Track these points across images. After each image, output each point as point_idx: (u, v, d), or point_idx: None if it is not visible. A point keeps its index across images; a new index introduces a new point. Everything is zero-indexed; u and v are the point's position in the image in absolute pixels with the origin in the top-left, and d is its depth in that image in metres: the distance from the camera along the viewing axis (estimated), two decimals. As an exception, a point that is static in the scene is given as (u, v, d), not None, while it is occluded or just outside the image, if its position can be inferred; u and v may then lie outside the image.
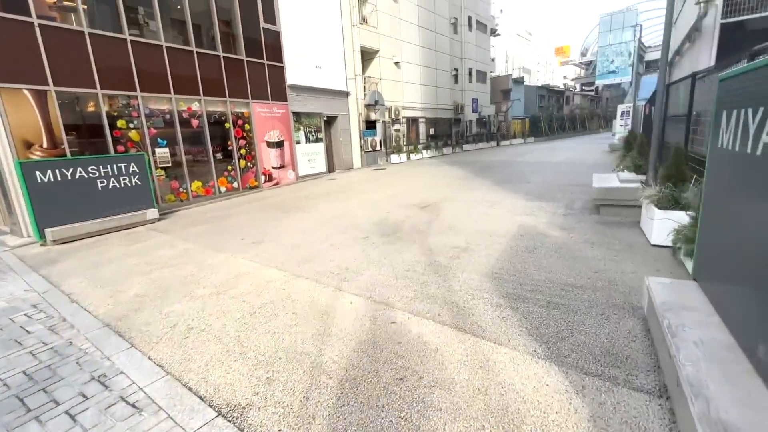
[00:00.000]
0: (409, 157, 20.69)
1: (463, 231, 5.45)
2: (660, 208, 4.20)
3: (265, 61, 12.17)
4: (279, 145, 12.75)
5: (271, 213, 7.93)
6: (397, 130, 20.71)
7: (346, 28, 16.35)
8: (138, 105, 8.84)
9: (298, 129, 13.80)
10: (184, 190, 9.90)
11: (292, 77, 13.23)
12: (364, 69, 19.41)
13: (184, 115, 9.89)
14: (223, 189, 10.91)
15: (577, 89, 55.37)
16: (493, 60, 32.52)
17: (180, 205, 9.67)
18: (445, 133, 25.95)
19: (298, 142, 13.74)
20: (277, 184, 12.63)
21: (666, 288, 2.40)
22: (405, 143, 21.28)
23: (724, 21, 7.00)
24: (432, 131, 23.84)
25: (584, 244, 4.53)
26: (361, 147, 17.81)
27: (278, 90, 12.74)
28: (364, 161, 17.95)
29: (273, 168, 12.56)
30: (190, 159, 10.17)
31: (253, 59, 11.72)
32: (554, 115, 36.58)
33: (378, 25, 18.68)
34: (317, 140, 14.82)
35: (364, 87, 18.46)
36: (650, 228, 4.37)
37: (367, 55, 19.24)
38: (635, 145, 8.97)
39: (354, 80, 16.98)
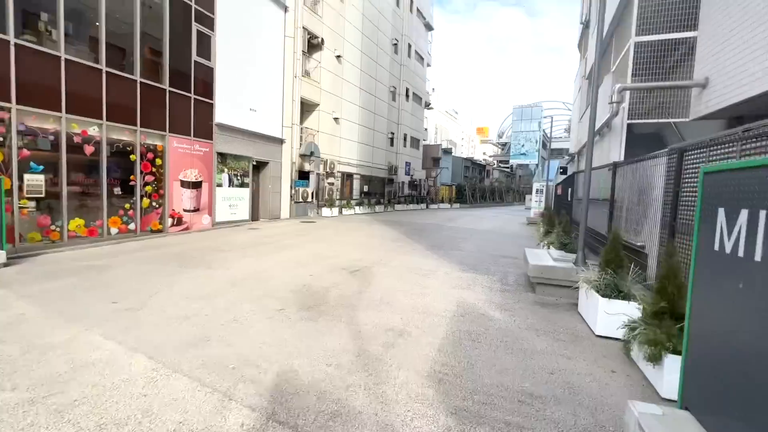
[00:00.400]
0: (341, 212, 20.13)
1: (398, 306, 4.75)
2: (603, 296, 3.97)
3: (192, 95, 11.10)
4: (196, 185, 11.31)
5: (169, 266, 6.48)
6: (331, 184, 20.27)
7: (288, 77, 16.14)
8: (9, 119, 7.10)
9: (222, 171, 12.54)
10: (58, 229, 7.93)
11: (222, 116, 12.23)
12: (302, 119, 19.13)
13: (76, 139, 8.24)
14: (114, 230, 9.03)
15: (495, 165, 61.80)
16: (426, 129, 34.91)
17: (48, 247, 7.63)
18: (379, 191, 26.22)
19: (219, 185, 12.39)
20: (186, 229, 10.97)
21: (660, 423, 1.88)
22: (338, 197, 20.82)
23: (630, 121, 7.97)
24: (366, 188, 23.89)
25: (529, 331, 4.09)
26: (291, 197, 16.85)
27: (204, 127, 11.59)
28: (293, 212, 16.91)
29: (185, 210, 10.96)
30: (76, 191, 8.35)
31: (177, 90, 10.60)
32: (477, 185, 39.69)
33: (320, 81, 18.86)
34: (242, 185, 13.59)
35: (301, 137, 18.01)
36: (593, 316, 4.11)
37: (307, 107, 19.09)
38: (557, 223, 9.44)
39: (291, 129, 16.47)
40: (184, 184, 10.91)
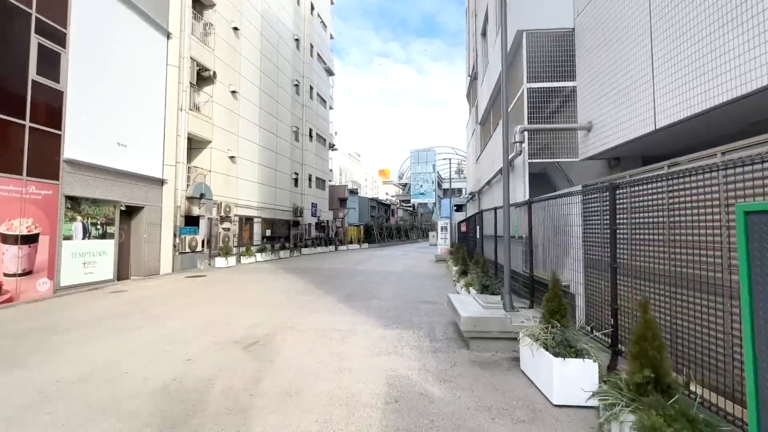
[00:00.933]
0: (239, 261, 17.75)
1: (312, 398, 3.52)
2: (556, 354, 3.39)
3: (27, 123, 8.56)
4: (28, 240, 8.46)
5: (-57, 372, 4.15)
6: (227, 229, 17.92)
7: (172, 110, 14.07)
8: None
9: (73, 219, 9.77)
10: None
11: (76, 151, 9.72)
12: (191, 158, 16.85)
13: None
14: None
15: (398, 204, 64.40)
16: (331, 170, 34.55)
17: None
18: (283, 234, 24.34)
19: (68, 237, 9.57)
20: (9, 300, 7.98)
21: None
22: (236, 244, 18.45)
23: (530, 161, 8.38)
24: (269, 232, 21.88)
25: (481, 413, 3.26)
26: (175, 246, 14.18)
27: (45, 163, 8.97)
28: (177, 265, 14.18)
29: (6, 275, 8.00)
30: None
31: (2, 116, 8.02)
32: (384, 224, 40.28)
33: (213, 116, 17.04)
34: (105, 236, 10.81)
35: (188, 177, 15.68)
36: (547, 381, 3.49)
37: (197, 144, 16.94)
38: (473, 263, 9.28)
39: (174, 167, 14.16)
40: (8, 239, 8.04)
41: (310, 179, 28.33)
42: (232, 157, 18.51)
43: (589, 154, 7.82)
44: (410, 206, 69.89)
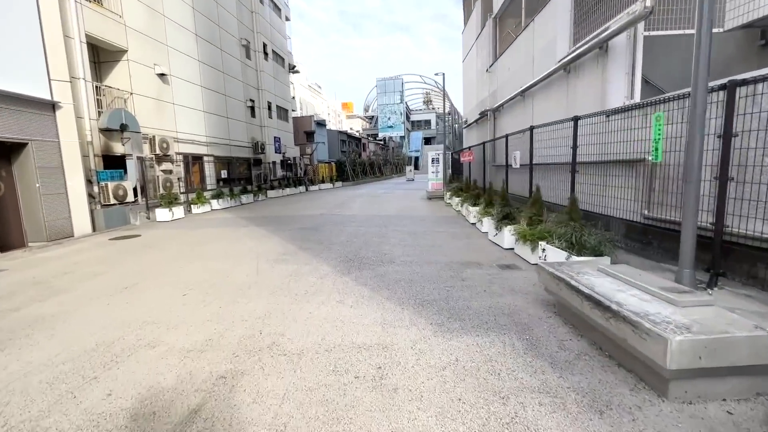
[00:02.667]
0: (189, 211, 14.21)
1: None
2: None
3: None
4: None
5: None
6: (168, 172, 14.03)
7: (49, -6, 9.36)
8: None
9: None
10: None
11: None
12: (100, 74, 12.33)
13: None
14: None
15: (368, 138, 60.04)
16: (293, 98, 29.63)
17: None
18: (244, 175, 20.53)
19: None
20: None
21: None
22: (183, 190, 14.70)
23: (649, 33, 5.31)
24: (224, 173, 18.02)
25: None
26: (93, 198, 10.44)
27: None
28: (100, 222, 10.57)
29: None
30: None
31: None
32: (357, 160, 36.69)
33: (124, 14, 12.18)
34: (-44, 189, 7.01)
35: (98, 100, 11.38)
36: None
37: (108, 55, 12.31)
38: (499, 200, 6.58)
39: (70, 85, 9.84)
40: None
41: (269, 108, 23.77)
42: (162, 76, 13.94)
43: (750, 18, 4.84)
44: (381, 140, 65.77)
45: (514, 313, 3.84)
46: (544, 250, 4.91)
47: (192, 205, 14.41)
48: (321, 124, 36.14)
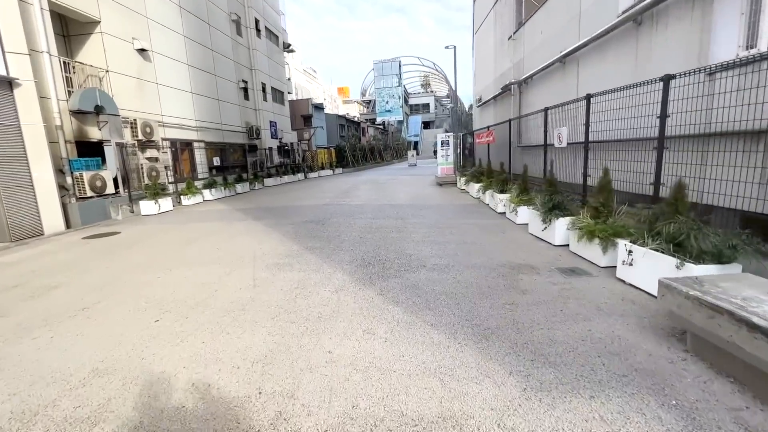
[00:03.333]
0: (178, 202, 12.94)
1: None
2: None
3: None
4: None
5: None
6: (154, 160, 12.70)
7: (-3, -53, 7.87)
8: None
9: None
10: None
11: None
12: (70, 49, 10.92)
13: None
14: None
15: (367, 122, 58.27)
16: (289, 80, 28.00)
17: None
18: (238, 163, 19.17)
19: None
20: None
21: None
22: (171, 180, 13.40)
23: None
24: (217, 161, 16.66)
25: None
26: (65, 190, 9.17)
27: None
28: (75, 217, 9.32)
29: None
30: None
31: None
32: (357, 145, 35.19)
33: (93, -23, 10.65)
34: None
35: (68, 78, 10.00)
36: None
37: (78, 27, 10.86)
38: (527, 180, 5.37)
39: (30, 59, 8.44)
40: None
41: (264, 90, 22.20)
42: (142, 52, 12.45)
43: None
44: (380, 124, 64.02)
45: (625, 351, 2.67)
46: (630, 252, 3.71)
47: (182, 196, 13.12)
48: (319, 107, 34.48)
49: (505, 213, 8.00)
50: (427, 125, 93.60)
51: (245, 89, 20.19)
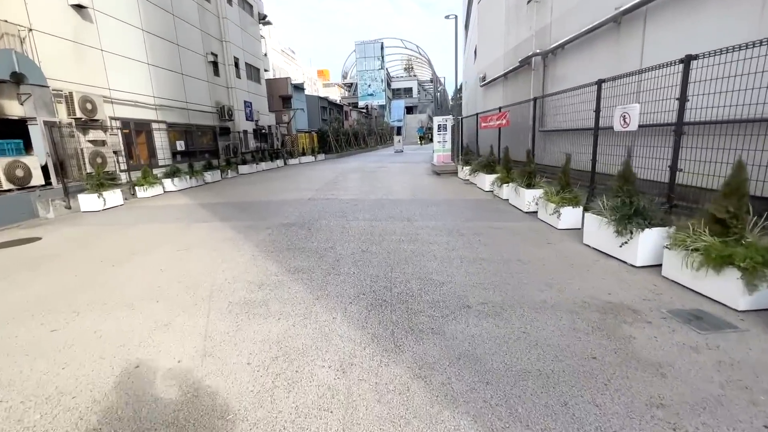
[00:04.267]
0: (133, 194, 10.85)
1: None
2: None
3: None
4: None
5: None
6: (99, 143, 10.51)
7: None
8: None
9: None
10: None
11: None
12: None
13: None
14: None
15: (350, 106, 55.81)
16: (265, 55, 25.45)
17: None
18: (208, 147, 16.94)
19: None
20: None
21: None
22: (124, 167, 11.25)
23: None
24: (182, 145, 14.44)
25: None
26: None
27: None
28: (-18, 217, 7.22)
29: None
30: None
31: None
32: (340, 129, 33.00)
33: None
34: None
35: (-30, 35, 7.73)
36: None
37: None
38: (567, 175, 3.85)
39: None
40: None
41: (237, 66, 19.78)
42: (80, 9, 10.11)
43: None
44: (363, 108, 61.62)
45: None
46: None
47: (136, 187, 11.00)
48: (299, 88, 31.96)
49: (536, 213, 6.47)
50: (410, 110, 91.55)
51: (215, 63, 17.78)
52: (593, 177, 5.84)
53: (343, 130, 33.64)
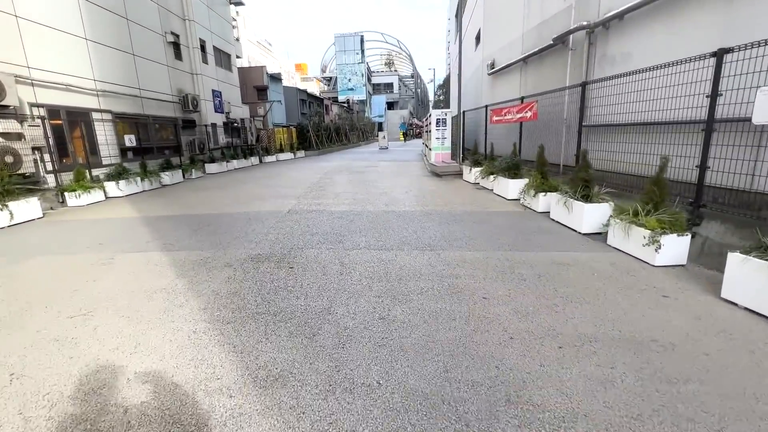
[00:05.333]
0: (61, 202, 8.49)
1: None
2: None
3: None
4: None
5: None
6: (13, 137, 8.10)
7: None
8: None
9: None
10: None
11: None
12: None
13: None
14: None
15: (330, 100, 53.34)
16: (237, 40, 22.90)
17: None
18: (168, 143, 14.48)
19: None
20: None
21: None
22: (51, 168, 8.85)
23: None
24: (131, 140, 11.97)
25: None
26: None
27: None
28: None
29: None
30: None
31: None
32: (322, 125, 30.70)
33: None
34: None
35: None
36: None
37: None
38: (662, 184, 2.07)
39: None
40: None
41: (203, 49, 17.28)
42: (-20, -42, 7.63)
43: None
44: (344, 102, 59.28)
45: None
46: None
47: (66, 194, 8.63)
48: (276, 78, 29.39)
49: (601, 235, 4.74)
50: (390, 106, 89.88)
51: (176, 45, 15.28)
52: (700, 190, 4.12)
53: (324, 124, 31.34)
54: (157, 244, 5.22)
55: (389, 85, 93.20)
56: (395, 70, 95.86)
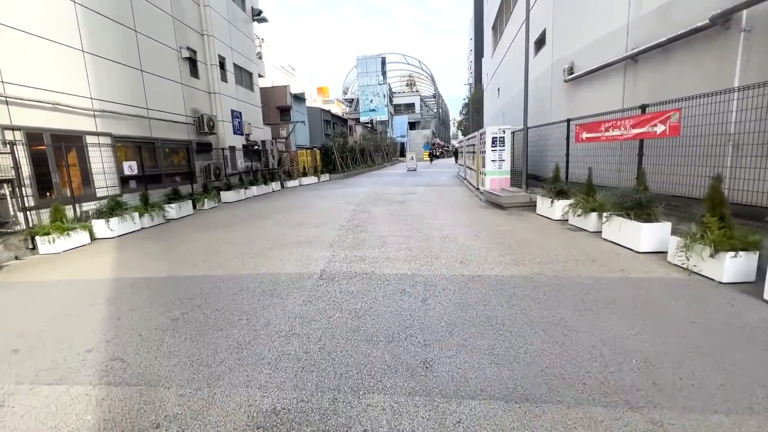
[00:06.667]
0: (32, 248, 6.56)
1: None
2: None
3: None
4: None
5: None
6: (-34, 167, 6.28)
7: None
8: None
9: None
10: None
11: None
12: None
13: None
14: None
15: (354, 120, 52.24)
16: (259, 57, 21.61)
17: None
18: (179, 169, 12.74)
19: None
20: None
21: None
22: (29, 203, 7.00)
23: None
24: (132, 168, 10.15)
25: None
26: None
27: None
28: None
29: None
30: None
31: None
32: (346, 146, 29.00)
33: None
34: None
35: None
36: None
37: None
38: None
39: None
40: None
41: (223, 67, 15.82)
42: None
43: None
44: (368, 123, 58.14)
45: None
46: None
47: (37, 238, 6.72)
48: (299, 98, 28.06)
49: None
50: (412, 126, 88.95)
51: (192, 61, 13.80)
52: None
53: (348, 146, 29.63)
54: (97, 359, 3.02)
55: (410, 105, 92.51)
56: (417, 91, 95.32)
